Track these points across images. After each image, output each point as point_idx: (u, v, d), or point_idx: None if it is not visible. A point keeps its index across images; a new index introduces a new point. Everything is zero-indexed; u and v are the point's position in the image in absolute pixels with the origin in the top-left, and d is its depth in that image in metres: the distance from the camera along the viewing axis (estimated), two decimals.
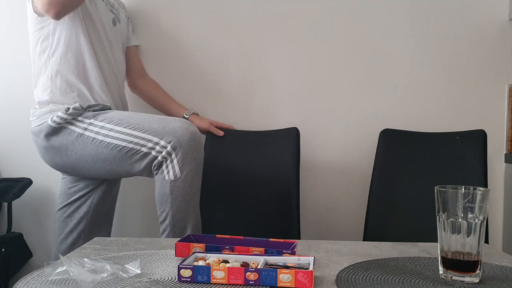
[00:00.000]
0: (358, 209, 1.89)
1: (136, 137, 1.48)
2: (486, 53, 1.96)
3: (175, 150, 1.45)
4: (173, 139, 1.45)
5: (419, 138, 1.86)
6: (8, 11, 1.98)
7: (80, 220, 1.68)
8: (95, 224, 1.70)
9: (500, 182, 1.96)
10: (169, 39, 1.98)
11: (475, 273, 0.92)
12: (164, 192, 1.46)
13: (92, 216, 1.69)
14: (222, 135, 1.86)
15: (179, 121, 1.52)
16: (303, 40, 1.98)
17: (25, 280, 0.90)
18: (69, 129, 1.53)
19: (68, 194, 1.70)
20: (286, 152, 1.81)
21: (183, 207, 1.46)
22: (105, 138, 1.50)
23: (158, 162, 1.47)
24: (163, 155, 1.46)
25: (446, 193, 0.93)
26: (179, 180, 1.45)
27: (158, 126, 1.49)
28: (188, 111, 1.87)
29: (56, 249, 1.69)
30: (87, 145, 1.51)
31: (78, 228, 1.68)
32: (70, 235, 1.68)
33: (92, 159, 1.52)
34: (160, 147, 1.46)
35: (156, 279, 0.92)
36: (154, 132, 1.48)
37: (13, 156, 1.98)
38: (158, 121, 1.51)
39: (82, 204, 1.69)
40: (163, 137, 1.46)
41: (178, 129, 1.47)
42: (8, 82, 1.99)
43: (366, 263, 1.05)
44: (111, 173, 1.56)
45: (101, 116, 1.53)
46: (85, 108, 1.55)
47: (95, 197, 1.70)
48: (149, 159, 1.47)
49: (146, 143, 1.47)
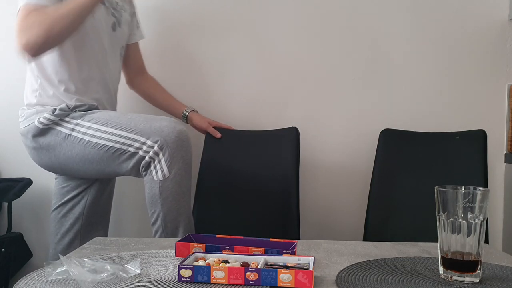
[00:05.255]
0: (358, 209, 1.89)
1: (123, 137, 1.47)
2: (486, 53, 1.96)
3: (162, 150, 1.44)
4: (160, 139, 1.45)
5: (419, 138, 1.86)
6: (9, 11, 1.98)
7: (75, 221, 1.68)
8: (90, 224, 1.70)
9: (500, 182, 1.96)
10: (170, 38, 1.98)
11: (475, 273, 0.92)
12: (154, 193, 1.46)
13: (87, 216, 1.69)
14: (219, 137, 1.86)
15: (166, 120, 1.51)
16: (303, 40, 1.98)
17: (25, 280, 0.90)
18: (56, 130, 1.53)
19: (61, 194, 1.70)
20: (286, 152, 1.81)
21: (173, 207, 1.46)
22: (92, 138, 1.49)
23: (146, 163, 1.46)
24: (151, 155, 1.45)
25: (446, 193, 0.93)
26: (168, 180, 1.45)
27: (144, 125, 1.48)
28: (187, 108, 1.86)
29: (53, 249, 1.69)
30: (74, 145, 1.51)
31: (74, 228, 1.68)
32: (67, 235, 1.67)
33: (80, 159, 1.52)
34: (147, 147, 1.45)
35: (156, 279, 0.92)
36: (140, 132, 1.47)
37: (13, 156, 1.98)
38: (145, 120, 1.51)
39: (77, 204, 1.68)
40: (150, 136, 1.46)
41: (164, 128, 1.47)
42: (7, 82, 1.99)
43: (366, 263, 1.05)
44: (100, 173, 1.56)
45: (88, 116, 1.53)
46: (72, 109, 1.54)
47: (89, 197, 1.70)
48: (137, 159, 1.47)
49: (133, 143, 1.47)
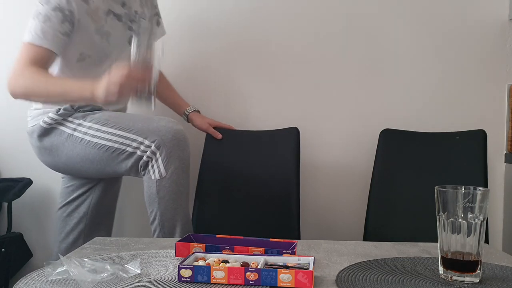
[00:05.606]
0: (358, 209, 1.89)
1: (121, 137, 1.49)
2: (486, 53, 1.96)
3: (159, 149, 1.45)
4: (157, 138, 1.46)
5: (419, 138, 1.85)
6: (11, 11, 1.98)
7: (80, 220, 1.69)
8: (95, 223, 1.71)
9: (500, 182, 1.96)
10: (171, 37, 1.98)
11: (475, 273, 0.92)
12: (152, 192, 1.47)
13: (91, 215, 1.70)
14: (220, 138, 1.86)
15: (163, 120, 1.52)
16: (303, 40, 1.98)
17: (25, 280, 0.91)
18: (60, 130, 1.55)
19: (67, 193, 1.72)
20: (286, 152, 1.81)
21: (170, 206, 1.47)
22: (92, 138, 1.51)
23: (144, 162, 1.47)
24: (148, 155, 1.46)
25: (446, 193, 0.93)
26: (165, 179, 1.46)
27: (142, 125, 1.49)
28: (190, 107, 1.86)
29: (57, 248, 1.70)
30: (76, 145, 1.53)
31: (78, 228, 1.69)
32: (70, 234, 1.69)
33: (81, 159, 1.53)
34: (145, 147, 1.46)
35: (156, 279, 0.92)
36: (138, 132, 1.48)
37: (13, 156, 1.98)
38: (143, 120, 1.52)
39: (81, 204, 1.70)
40: (147, 136, 1.47)
41: (161, 128, 1.48)
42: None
43: (366, 263, 1.05)
44: (100, 172, 1.58)
45: (90, 116, 1.55)
46: (76, 109, 1.56)
47: (93, 197, 1.71)
48: (135, 159, 1.48)
49: (131, 142, 1.48)
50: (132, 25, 1.64)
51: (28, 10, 1.53)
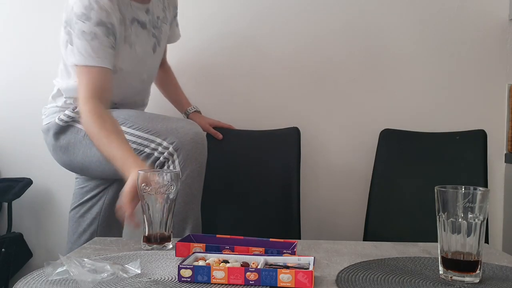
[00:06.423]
0: (358, 209, 1.89)
1: (140, 137, 1.47)
2: (486, 53, 1.96)
3: (177, 151, 1.44)
4: (176, 140, 1.44)
5: (419, 138, 1.86)
6: (11, 11, 1.98)
7: (92, 221, 1.68)
8: (107, 224, 1.69)
9: (500, 182, 1.96)
10: None
11: (475, 273, 0.92)
12: None
13: (104, 216, 1.69)
14: (220, 138, 1.85)
15: (183, 121, 1.51)
16: (304, 40, 1.98)
17: (25, 280, 0.90)
18: (76, 128, 1.53)
19: (80, 194, 1.70)
20: (287, 152, 1.81)
21: (182, 209, 1.45)
22: None
23: (160, 163, 1.46)
24: (165, 156, 1.45)
25: (446, 193, 0.93)
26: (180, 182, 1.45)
27: (161, 126, 1.47)
28: (191, 107, 1.85)
29: (69, 249, 1.67)
30: (92, 144, 1.49)
31: (91, 229, 1.67)
32: (83, 235, 1.67)
33: (97, 158, 1.50)
34: (163, 148, 1.45)
35: (156, 279, 0.92)
36: (157, 133, 1.46)
37: (13, 156, 1.98)
38: (162, 121, 1.50)
39: (94, 205, 1.68)
40: (166, 137, 1.45)
41: (180, 130, 1.46)
42: (8, 82, 1.98)
43: (366, 263, 1.05)
44: (116, 173, 1.55)
45: None
46: None
47: (106, 198, 1.69)
48: (152, 160, 1.46)
49: (149, 143, 1.46)
50: (155, 32, 1.62)
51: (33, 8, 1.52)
